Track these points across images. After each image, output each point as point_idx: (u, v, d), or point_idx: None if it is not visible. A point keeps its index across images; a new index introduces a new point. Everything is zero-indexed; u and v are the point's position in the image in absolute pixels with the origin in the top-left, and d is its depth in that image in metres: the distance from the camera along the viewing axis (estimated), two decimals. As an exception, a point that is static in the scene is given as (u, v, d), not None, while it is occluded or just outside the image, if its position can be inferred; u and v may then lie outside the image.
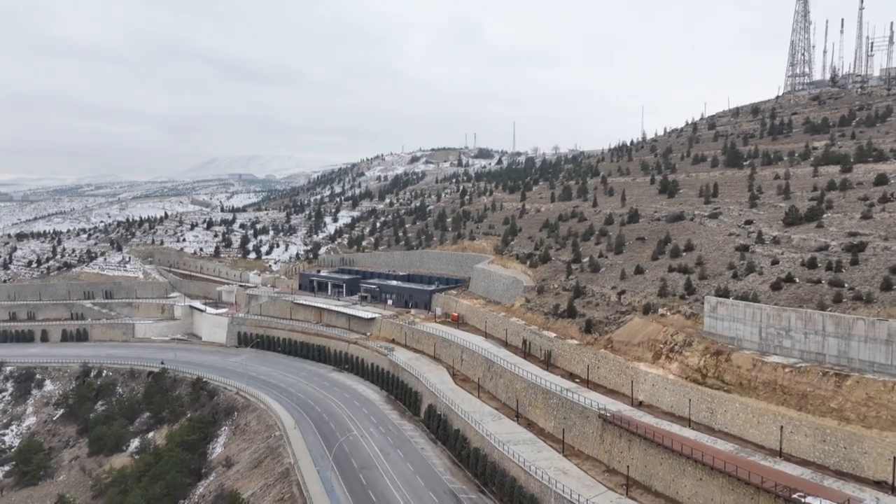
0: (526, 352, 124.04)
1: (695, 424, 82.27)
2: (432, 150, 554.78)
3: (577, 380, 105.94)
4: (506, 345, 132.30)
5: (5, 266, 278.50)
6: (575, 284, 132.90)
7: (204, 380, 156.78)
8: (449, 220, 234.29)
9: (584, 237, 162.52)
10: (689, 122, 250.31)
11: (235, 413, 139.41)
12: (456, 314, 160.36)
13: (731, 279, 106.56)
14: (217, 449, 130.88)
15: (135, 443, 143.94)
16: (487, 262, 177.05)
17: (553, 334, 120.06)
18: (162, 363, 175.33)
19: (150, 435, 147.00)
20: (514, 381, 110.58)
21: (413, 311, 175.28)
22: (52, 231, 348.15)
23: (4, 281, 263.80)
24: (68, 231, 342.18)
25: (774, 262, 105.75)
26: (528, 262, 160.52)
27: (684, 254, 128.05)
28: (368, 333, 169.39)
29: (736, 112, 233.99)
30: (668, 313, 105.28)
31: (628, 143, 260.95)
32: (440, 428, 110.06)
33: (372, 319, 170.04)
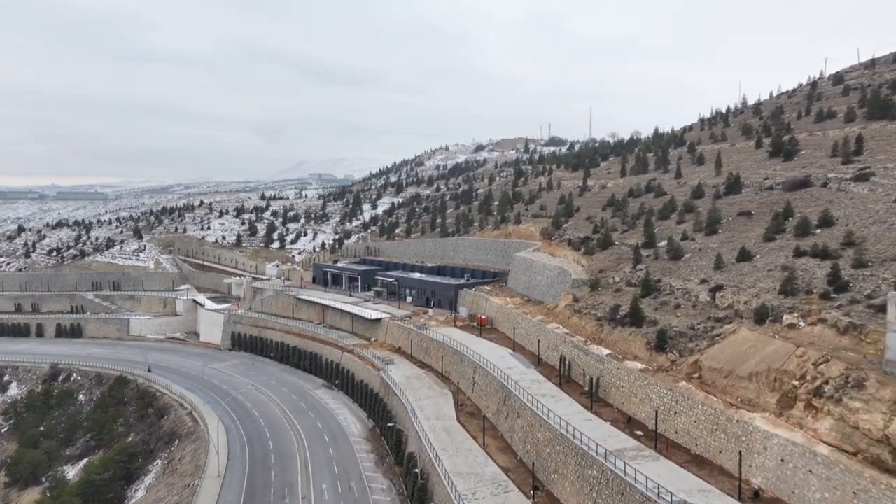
0: (563, 375, 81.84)
1: (886, 566, 38.24)
2: (502, 139, 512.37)
3: (640, 432, 62.93)
4: (538, 362, 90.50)
5: (27, 255, 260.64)
6: (644, 277, 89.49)
7: (156, 394, 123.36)
8: (496, 202, 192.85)
9: (662, 215, 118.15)
10: (805, 81, 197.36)
11: (177, 442, 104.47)
12: (484, 316, 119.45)
13: (917, 266, 60.88)
14: (139, 492, 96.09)
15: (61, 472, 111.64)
16: (532, 250, 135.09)
17: (605, 351, 77.28)
18: (149, 370, 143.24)
19: (83, 462, 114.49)
20: (535, 427, 68.74)
21: (432, 310, 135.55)
22: (84, 220, 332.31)
23: (20, 270, 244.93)
24: (100, 220, 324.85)
25: None
26: (583, 249, 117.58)
27: (818, 231, 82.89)
28: (373, 338, 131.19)
29: (871, 63, 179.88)
30: (802, 322, 60.73)
31: (723, 111, 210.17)
32: (416, 495, 69.86)
33: (378, 321, 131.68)
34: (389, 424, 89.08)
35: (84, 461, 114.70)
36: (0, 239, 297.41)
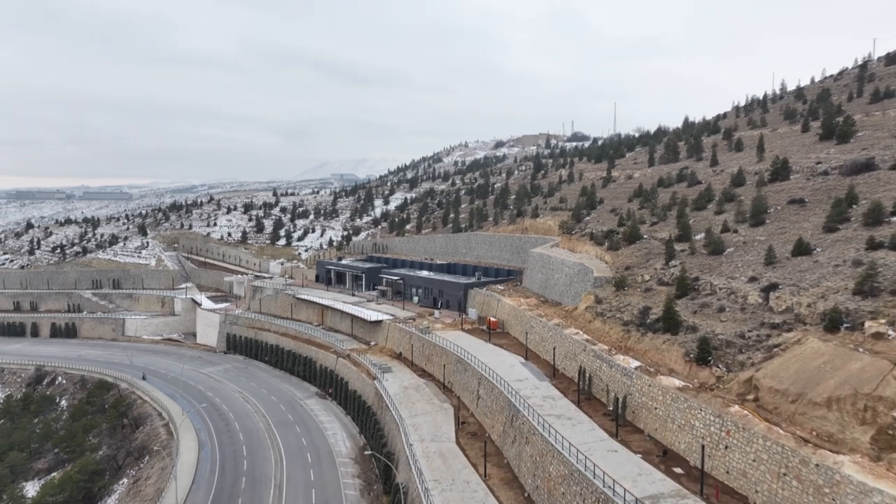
0: (583, 390, 68.60)
1: None
2: (523, 135, 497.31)
3: (680, 470, 49.57)
4: (553, 374, 77.34)
5: (31, 252, 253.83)
6: (679, 274, 75.84)
7: (136, 401, 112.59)
8: (512, 196, 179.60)
9: (697, 205, 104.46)
10: (854, 64, 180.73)
11: (147, 457, 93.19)
12: (494, 319, 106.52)
13: None
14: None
15: (20, 490, 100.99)
16: (550, 246, 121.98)
17: (633, 363, 63.89)
18: (144, 377, 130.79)
19: (52, 477, 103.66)
20: (546, 458, 55.66)
21: (438, 311, 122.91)
22: (93, 217, 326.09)
23: (22, 267, 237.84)
24: (109, 218, 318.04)
25: None
26: (607, 243, 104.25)
27: (894, 219, 68.41)
28: (372, 342, 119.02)
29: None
30: (893, 332, 46.88)
31: (759, 98, 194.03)
32: (400, 539, 57.23)
33: (378, 323, 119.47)
34: (367, 453, 76.60)
35: (53, 475, 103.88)
36: (9, 236, 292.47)
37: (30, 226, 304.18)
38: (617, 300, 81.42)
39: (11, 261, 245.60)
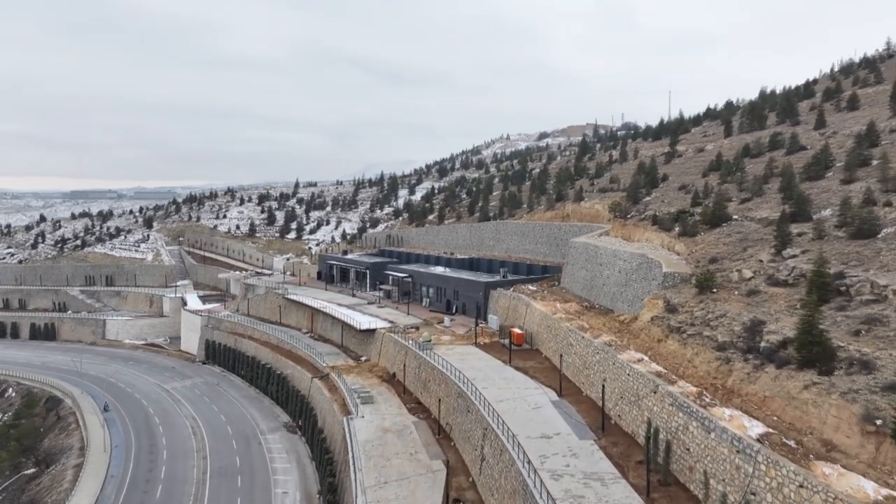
0: (653, 463, 39.32)
1: None
2: (569, 126, 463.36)
3: None
4: (602, 424, 48.23)
5: (34, 246, 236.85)
6: (814, 269, 45.90)
7: (68, 426, 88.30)
8: (552, 180, 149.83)
9: (809, 174, 74.06)
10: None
11: (37, 514, 68.07)
12: (520, 331, 77.88)
13: None
14: None
15: None
16: (597, 234, 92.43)
17: (752, 426, 34.40)
18: (106, 408, 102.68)
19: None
20: None
21: (451, 318, 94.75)
22: (104, 209, 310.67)
23: (20, 262, 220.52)
24: (123, 211, 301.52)
25: None
26: (678, 228, 74.61)
27: None
28: (364, 357, 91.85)
29: None
30: None
31: (857, 61, 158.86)
32: None
33: (371, 332, 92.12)
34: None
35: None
36: (17, 230, 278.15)
37: (42, 219, 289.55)
38: (701, 308, 51.93)
39: (12, 255, 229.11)
